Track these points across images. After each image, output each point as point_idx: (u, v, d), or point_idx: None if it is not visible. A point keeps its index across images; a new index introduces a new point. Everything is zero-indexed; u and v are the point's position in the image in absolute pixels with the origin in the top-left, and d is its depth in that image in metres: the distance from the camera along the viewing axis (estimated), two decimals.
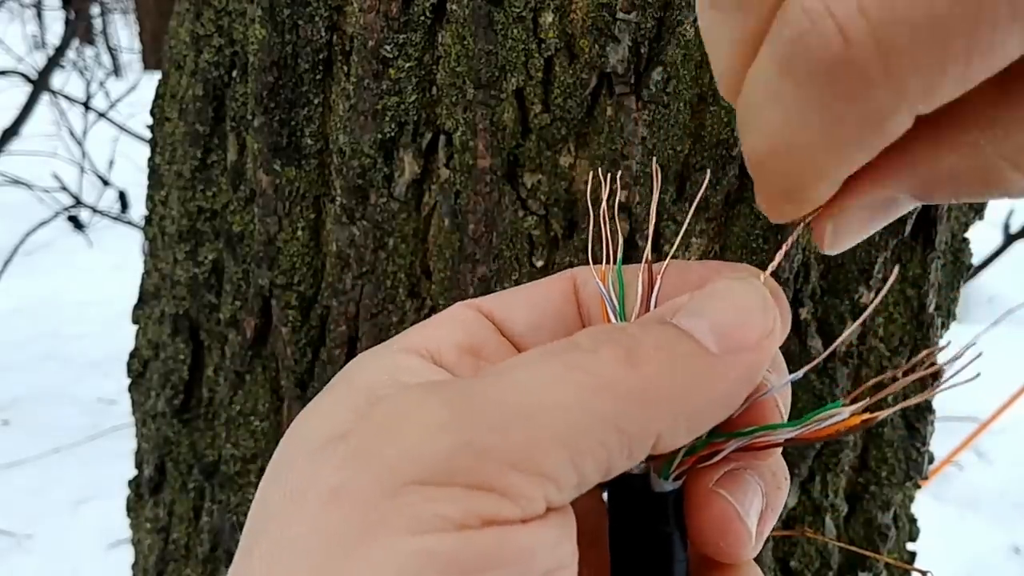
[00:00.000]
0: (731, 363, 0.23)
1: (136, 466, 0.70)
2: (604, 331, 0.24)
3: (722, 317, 0.24)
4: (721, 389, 0.23)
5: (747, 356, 0.23)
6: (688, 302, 0.24)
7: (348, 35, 0.49)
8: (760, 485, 0.26)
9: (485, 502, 0.21)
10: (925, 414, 0.57)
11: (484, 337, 0.28)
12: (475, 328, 0.28)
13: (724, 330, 0.23)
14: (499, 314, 0.29)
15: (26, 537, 1.83)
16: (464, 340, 0.28)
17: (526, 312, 0.29)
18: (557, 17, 0.45)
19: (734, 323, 0.23)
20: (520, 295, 0.30)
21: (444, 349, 0.27)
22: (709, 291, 0.24)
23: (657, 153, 0.46)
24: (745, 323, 0.24)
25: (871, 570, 0.58)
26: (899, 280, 0.53)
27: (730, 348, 0.23)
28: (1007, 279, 2.84)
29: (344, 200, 0.51)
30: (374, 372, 0.25)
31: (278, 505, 0.22)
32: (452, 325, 0.28)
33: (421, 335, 0.27)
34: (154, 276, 0.66)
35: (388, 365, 0.26)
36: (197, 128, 0.58)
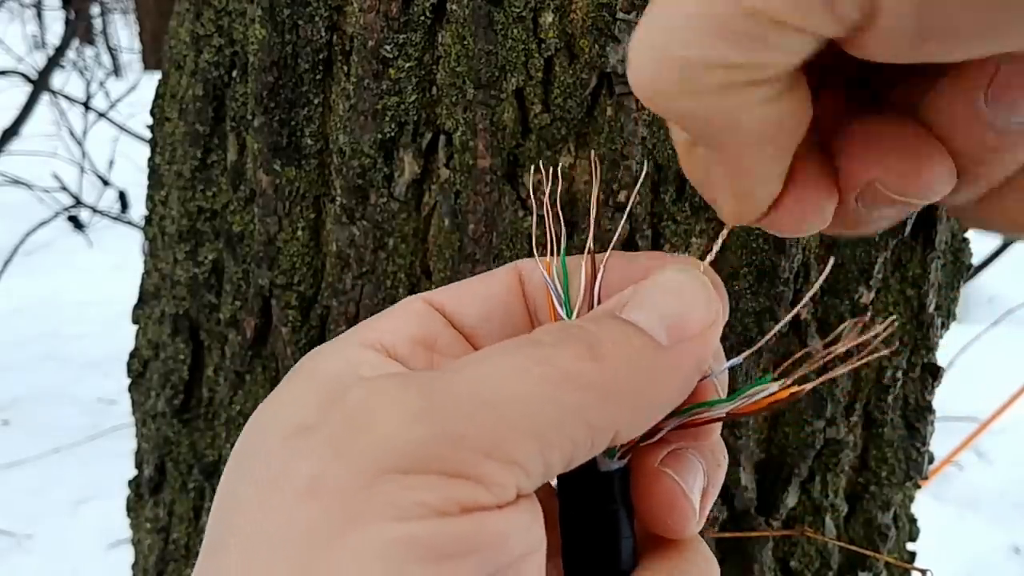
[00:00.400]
0: (681, 353, 0.24)
1: (136, 466, 0.70)
2: (562, 327, 0.24)
3: (669, 310, 0.25)
4: (675, 379, 0.24)
5: (694, 346, 0.24)
6: (633, 295, 0.25)
7: (348, 35, 0.49)
8: (701, 463, 0.27)
9: (462, 489, 0.21)
10: (925, 414, 0.57)
11: (436, 330, 0.29)
12: (427, 321, 0.29)
13: (672, 322, 0.24)
14: (450, 307, 0.29)
15: (26, 537, 1.83)
16: (417, 333, 0.28)
17: (476, 305, 0.30)
18: (557, 17, 0.45)
19: (680, 315, 0.25)
20: (469, 288, 0.30)
21: (398, 342, 0.27)
22: (653, 284, 0.25)
23: (657, 153, 0.46)
24: (690, 314, 0.25)
25: (871, 570, 0.58)
26: (899, 280, 0.53)
27: (679, 339, 0.24)
28: (1007, 279, 2.85)
29: (344, 200, 0.51)
30: (334, 364, 0.26)
31: (250, 498, 0.22)
32: (405, 318, 0.29)
33: (375, 329, 0.28)
34: (154, 276, 0.66)
35: (347, 358, 0.26)
36: (197, 128, 0.58)
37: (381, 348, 0.27)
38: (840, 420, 0.54)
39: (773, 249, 0.48)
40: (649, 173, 0.47)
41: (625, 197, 0.47)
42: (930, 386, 0.56)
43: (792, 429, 0.53)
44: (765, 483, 0.55)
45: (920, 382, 0.56)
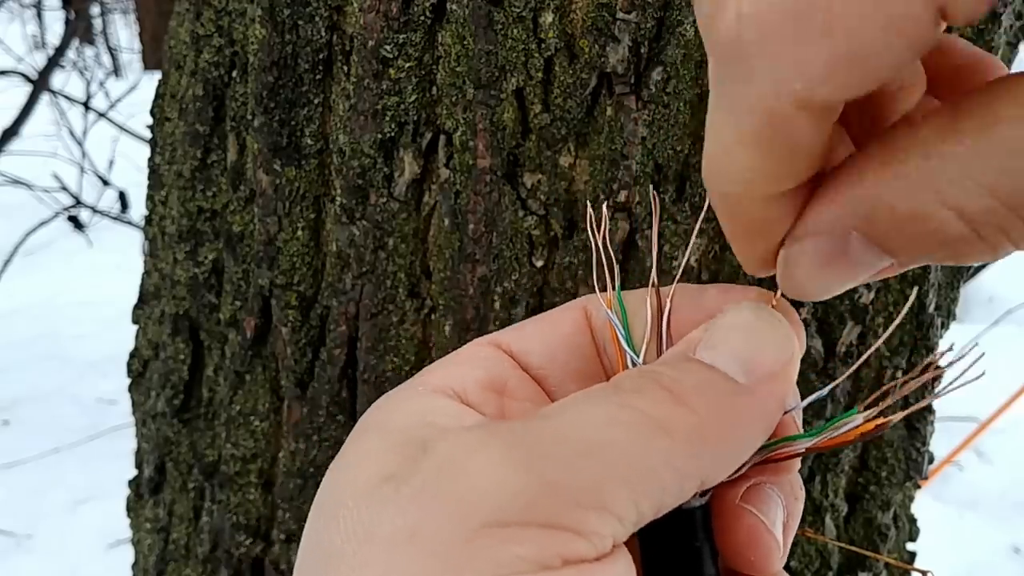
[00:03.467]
0: (762, 393, 0.24)
1: (136, 466, 0.70)
2: (641, 373, 0.24)
3: (743, 348, 0.24)
4: (758, 418, 0.24)
5: (774, 384, 0.24)
6: (705, 335, 0.25)
7: (348, 35, 0.49)
8: (780, 498, 0.27)
9: (562, 541, 0.21)
10: (925, 414, 0.57)
11: (504, 373, 0.28)
12: (495, 364, 0.28)
13: (749, 362, 0.24)
14: (516, 348, 0.29)
15: (26, 537, 1.83)
16: (485, 377, 0.28)
17: (541, 345, 0.29)
18: (557, 17, 0.45)
19: (756, 353, 0.24)
20: (534, 328, 0.30)
21: (469, 388, 0.27)
22: (725, 322, 0.25)
23: (657, 153, 0.46)
24: (765, 352, 0.24)
25: (871, 570, 0.58)
26: (899, 280, 0.53)
27: (758, 378, 0.24)
28: (1007, 279, 2.85)
29: (344, 200, 0.51)
30: (406, 415, 0.25)
31: (340, 547, 0.22)
32: (472, 363, 0.28)
33: (443, 374, 0.28)
34: (154, 276, 0.66)
35: (419, 407, 0.26)
36: (197, 128, 0.58)
37: (452, 394, 0.27)
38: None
39: None
40: (649, 173, 0.47)
41: (625, 197, 0.47)
42: (930, 386, 0.56)
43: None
44: None
45: (923, 384, 0.56)
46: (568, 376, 0.29)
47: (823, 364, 0.52)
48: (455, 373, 0.28)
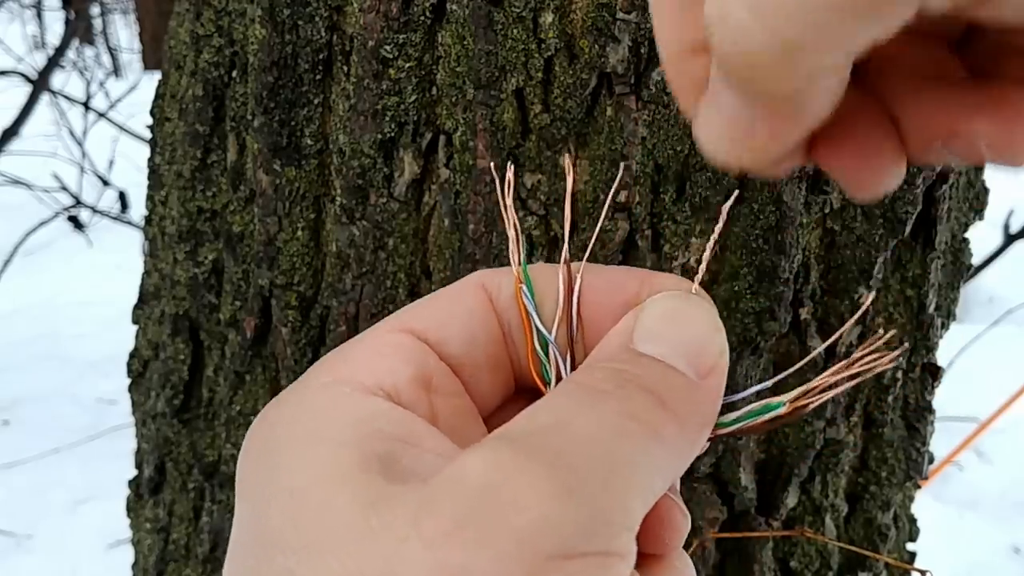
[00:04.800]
0: (708, 387, 0.24)
1: (136, 466, 0.70)
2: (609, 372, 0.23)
3: (686, 342, 0.24)
4: (711, 413, 0.24)
5: (717, 375, 0.24)
6: (638, 325, 0.24)
7: (348, 35, 0.49)
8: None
9: (616, 568, 0.20)
10: (925, 414, 0.57)
11: (429, 366, 0.26)
12: (419, 356, 0.26)
13: (694, 356, 0.24)
14: (434, 337, 0.27)
15: (26, 537, 1.83)
16: (415, 373, 0.26)
17: (460, 332, 0.27)
18: (557, 17, 0.45)
19: (699, 347, 0.24)
20: (445, 312, 0.27)
21: (401, 387, 0.25)
22: (663, 313, 0.24)
23: (657, 153, 0.46)
24: (709, 344, 0.24)
25: (871, 570, 0.58)
26: (899, 280, 0.53)
27: (703, 373, 0.24)
28: (1007, 279, 2.84)
29: (344, 200, 0.51)
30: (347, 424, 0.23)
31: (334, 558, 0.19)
32: (398, 355, 0.26)
33: (369, 368, 0.25)
34: (154, 276, 0.66)
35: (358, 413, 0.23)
36: (197, 128, 0.58)
37: (384, 395, 0.24)
38: (840, 420, 0.54)
39: (773, 249, 0.48)
40: (649, 173, 0.47)
41: (625, 197, 0.47)
42: (930, 386, 0.56)
43: (792, 429, 0.53)
44: (765, 483, 0.55)
45: (920, 382, 0.56)
46: (483, 364, 0.27)
47: (823, 364, 0.52)
48: (382, 368, 0.25)
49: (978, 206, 0.58)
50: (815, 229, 0.50)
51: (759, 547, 0.55)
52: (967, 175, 0.56)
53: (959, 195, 0.56)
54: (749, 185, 0.48)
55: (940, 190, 0.50)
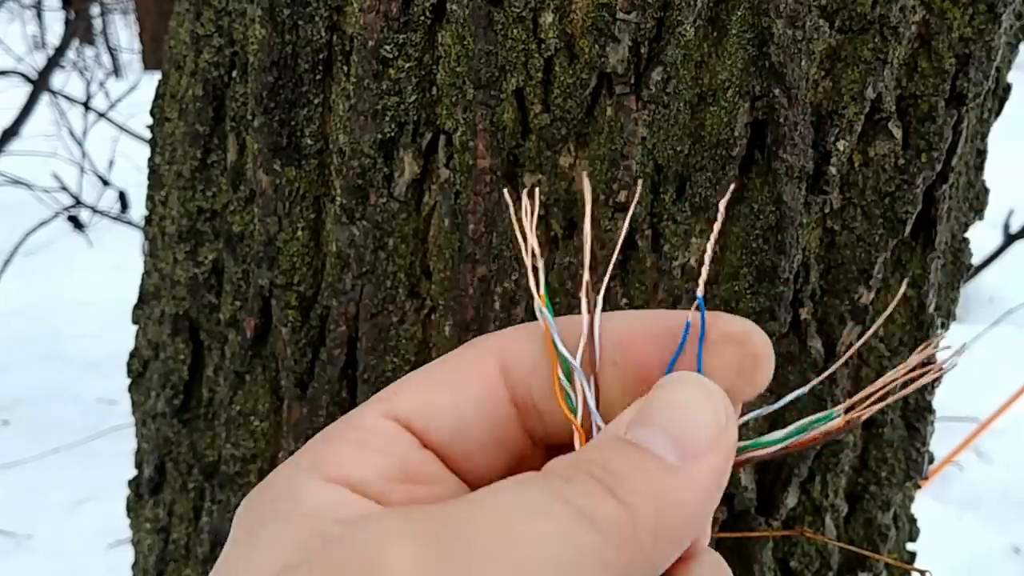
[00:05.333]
0: (695, 471, 0.23)
1: (136, 466, 0.70)
2: (575, 459, 0.23)
3: (675, 427, 0.23)
4: (694, 499, 0.23)
5: (708, 459, 0.23)
6: (638, 412, 0.24)
7: (348, 35, 0.49)
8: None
9: None
10: (925, 414, 0.57)
11: (407, 457, 0.26)
12: (396, 447, 0.26)
13: (680, 440, 0.23)
14: (419, 423, 0.26)
15: (26, 537, 1.83)
16: (386, 465, 0.25)
17: (449, 420, 0.26)
18: (557, 17, 0.45)
19: (687, 430, 0.23)
20: (438, 395, 0.27)
21: (368, 478, 0.25)
22: (658, 400, 0.24)
23: (657, 153, 0.46)
24: (698, 428, 0.23)
25: (871, 570, 0.58)
26: (899, 280, 0.53)
27: (689, 456, 0.23)
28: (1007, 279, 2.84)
29: (344, 200, 0.51)
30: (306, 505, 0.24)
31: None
32: (372, 446, 0.25)
33: (340, 460, 0.25)
34: (154, 276, 0.66)
35: (319, 499, 0.24)
36: (197, 128, 0.58)
37: (350, 485, 0.24)
38: None
39: (773, 249, 0.48)
40: (649, 173, 0.47)
41: (625, 197, 0.47)
42: (930, 386, 0.56)
43: None
44: (765, 483, 0.55)
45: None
46: (474, 447, 0.27)
47: (823, 364, 0.52)
48: (353, 459, 0.25)
49: (978, 206, 0.58)
50: (815, 229, 0.50)
51: (759, 547, 0.55)
52: (967, 175, 0.56)
53: (959, 195, 0.56)
54: (749, 185, 0.48)
55: (940, 190, 0.50)
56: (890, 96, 0.48)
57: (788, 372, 0.52)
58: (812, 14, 0.45)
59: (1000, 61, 0.51)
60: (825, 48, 0.46)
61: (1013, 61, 0.55)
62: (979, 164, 0.57)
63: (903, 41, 0.47)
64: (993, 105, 0.55)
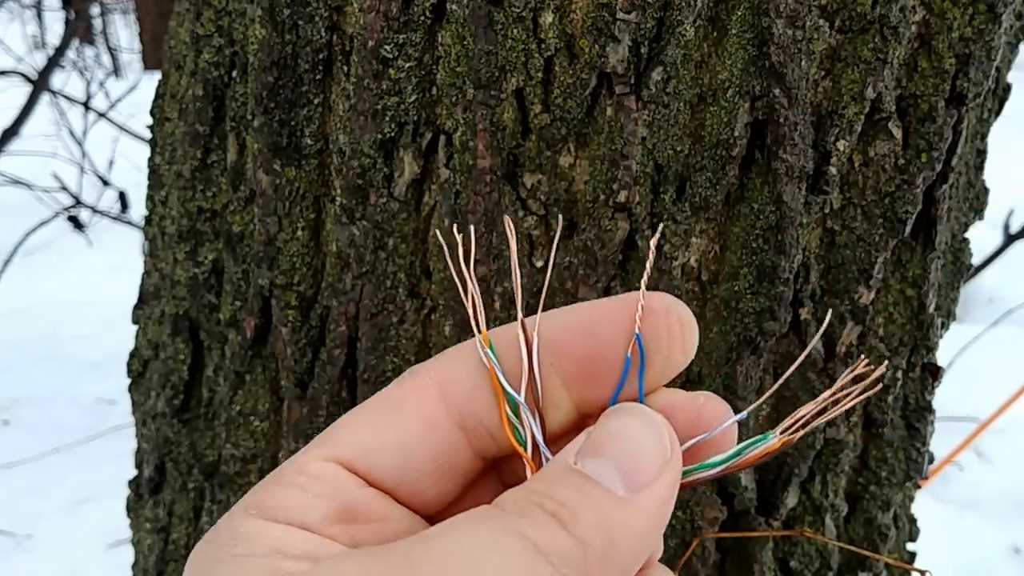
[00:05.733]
0: (643, 501, 0.24)
1: (136, 466, 0.70)
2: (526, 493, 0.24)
3: (623, 459, 0.24)
4: (642, 526, 0.24)
5: (655, 488, 0.24)
6: (586, 442, 0.25)
7: (348, 35, 0.49)
8: None
9: None
10: (925, 414, 0.57)
11: (350, 498, 0.26)
12: (339, 491, 0.26)
13: (628, 471, 0.24)
14: (361, 465, 0.27)
15: (26, 537, 1.83)
16: (330, 508, 0.26)
17: (389, 457, 0.27)
18: (557, 17, 0.45)
19: (635, 462, 0.24)
20: (379, 432, 0.27)
21: (311, 523, 0.25)
22: (604, 431, 0.25)
23: (657, 153, 0.46)
24: (643, 458, 0.24)
25: (871, 570, 0.58)
26: (899, 280, 0.53)
27: (636, 486, 0.24)
28: (1007, 279, 2.84)
29: (344, 200, 0.51)
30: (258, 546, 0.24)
31: None
32: (315, 489, 0.26)
33: (285, 505, 0.26)
34: (154, 276, 0.66)
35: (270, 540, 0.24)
36: (197, 128, 0.58)
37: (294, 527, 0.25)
38: (840, 420, 0.54)
39: (773, 249, 0.48)
40: (649, 173, 0.47)
41: (625, 197, 0.47)
42: (930, 386, 0.56)
43: None
44: (765, 483, 0.55)
45: (920, 382, 0.56)
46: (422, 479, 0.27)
47: (823, 364, 0.52)
48: (295, 503, 0.25)
49: (978, 206, 0.58)
50: (815, 229, 0.50)
51: (759, 547, 0.55)
52: (967, 175, 0.56)
53: (959, 195, 0.56)
54: (749, 185, 0.48)
55: (940, 190, 0.50)
56: (890, 96, 0.48)
57: None
58: (812, 14, 0.45)
59: (1000, 61, 0.51)
60: (825, 48, 0.46)
61: (1013, 61, 0.55)
62: (979, 164, 0.57)
63: (903, 41, 0.47)
64: (993, 105, 0.55)
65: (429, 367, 0.28)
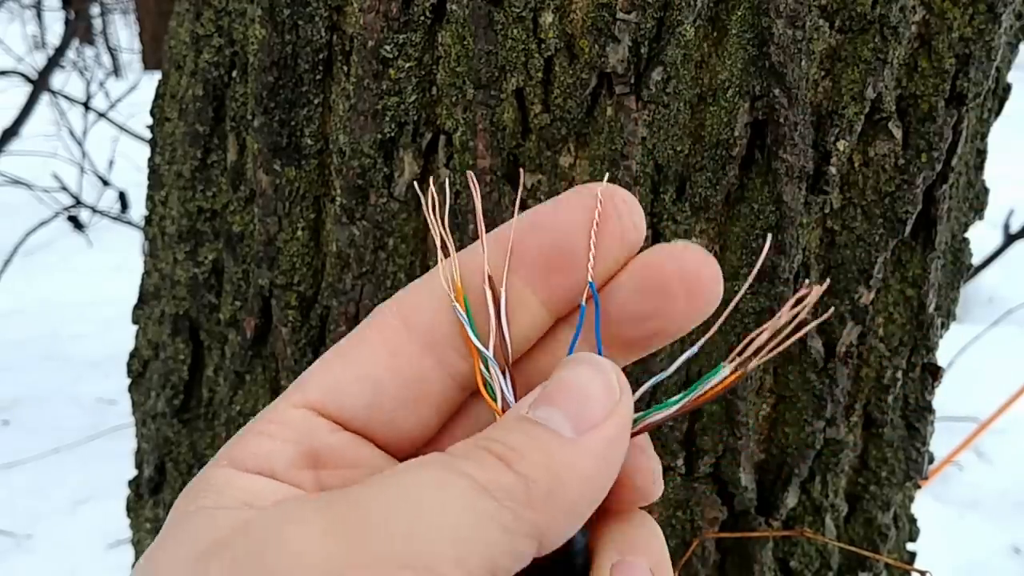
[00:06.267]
0: (589, 442, 0.25)
1: (136, 466, 0.70)
2: (474, 440, 0.25)
3: (571, 403, 0.25)
4: (589, 466, 0.24)
5: (601, 432, 0.25)
6: (541, 393, 0.26)
7: (348, 35, 0.49)
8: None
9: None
10: (925, 414, 0.57)
11: (317, 442, 0.27)
12: (306, 435, 0.27)
13: (576, 416, 0.25)
14: (331, 407, 0.27)
15: (26, 537, 1.83)
16: (296, 453, 0.26)
17: (357, 394, 0.27)
18: (557, 17, 0.45)
19: (583, 406, 0.25)
20: (346, 368, 0.28)
21: (278, 468, 0.26)
22: (556, 382, 0.26)
23: (657, 153, 0.46)
24: (592, 402, 0.25)
25: (871, 570, 0.58)
26: (899, 280, 0.53)
27: (583, 429, 0.25)
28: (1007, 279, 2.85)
29: (344, 200, 0.51)
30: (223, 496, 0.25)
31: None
32: (282, 435, 0.27)
33: (252, 451, 0.26)
34: (154, 276, 0.66)
35: (235, 489, 0.25)
36: (197, 128, 0.58)
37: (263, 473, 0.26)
38: (840, 420, 0.54)
39: (773, 249, 0.48)
40: (649, 173, 0.47)
41: None
42: (930, 386, 0.56)
43: (792, 429, 0.53)
44: (765, 483, 0.54)
45: (920, 382, 0.56)
46: (396, 411, 0.28)
47: (823, 364, 0.52)
48: (264, 450, 0.26)
49: (978, 206, 0.58)
50: (815, 229, 0.50)
51: (759, 547, 0.55)
52: (967, 175, 0.56)
53: (959, 195, 0.56)
54: (749, 185, 0.48)
55: (940, 190, 0.50)
56: (890, 96, 0.48)
57: (788, 372, 0.52)
58: (812, 14, 0.45)
59: (1000, 61, 0.51)
60: (825, 48, 0.46)
61: (1013, 61, 0.55)
62: (979, 164, 0.57)
63: (903, 41, 0.47)
64: (993, 105, 0.55)
65: (390, 301, 0.29)
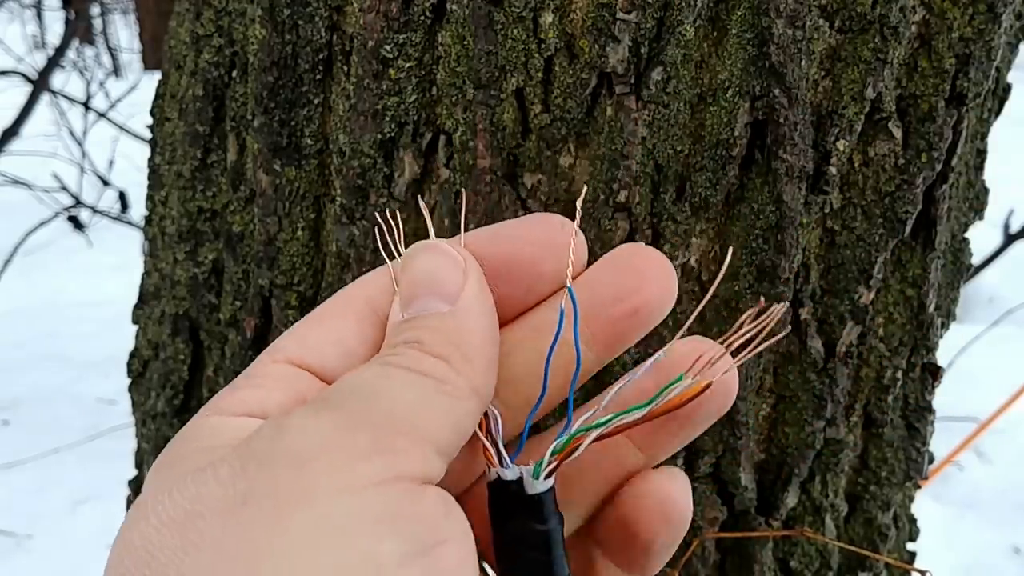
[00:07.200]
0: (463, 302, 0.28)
1: (136, 466, 0.70)
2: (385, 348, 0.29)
3: (430, 286, 0.29)
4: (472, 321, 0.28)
5: (467, 290, 0.29)
6: (403, 295, 0.30)
7: (348, 35, 0.49)
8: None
9: (396, 461, 0.24)
10: (925, 414, 0.57)
11: (303, 389, 0.29)
12: (292, 383, 0.29)
13: (439, 292, 0.29)
14: (312, 361, 0.30)
15: (26, 537, 1.83)
16: (284, 399, 0.28)
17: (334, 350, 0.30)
18: (557, 17, 0.45)
19: (438, 283, 0.29)
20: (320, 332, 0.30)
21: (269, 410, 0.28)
22: (406, 278, 0.30)
23: (657, 153, 0.46)
24: (444, 274, 0.29)
25: (871, 570, 0.58)
26: (899, 280, 0.53)
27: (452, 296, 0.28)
28: (1007, 279, 2.85)
29: (344, 200, 0.51)
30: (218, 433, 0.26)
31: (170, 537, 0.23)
32: (269, 384, 0.29)
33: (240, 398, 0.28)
34: (154, 276, 0.66)
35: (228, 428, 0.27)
36: (197, 128, 0.58)
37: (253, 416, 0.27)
38: (840, 420, 0.54)
39: (773, 249, 0.48)
40: (649, 173, 0.47)
41: (625, 197, 0.47)
42: (930, 386, 0.56)
43: (792, 429, 0.53)
44: (765, 483, 0.55)
45: (920, 382, 0.56)
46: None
47: (823, 364, 0.52)
48: (252, 397, 0.28)
49: (978, 206, 0.58)
50: (815, 229, 0.50)
51: (759, 547, 0.55)
52: (967, 175, 0.56)
53: (959, 195, 0.56)
54: (749, 185, 0.48)
55: (940, 190, 0.50)
56: (890, 96, 0.48)
57: (788, 372, 0.52)
58: (812, 14, 0.45)
59: (1000, 61, 0.51)
60: (825, 48, 0.46)
61: (1013, 61, 0.55)
62: (979, 164, 0.57)
63: (903, 41, 0.47)
64: (993, 105, 0.55)
65: (351, 286, 0.32)
